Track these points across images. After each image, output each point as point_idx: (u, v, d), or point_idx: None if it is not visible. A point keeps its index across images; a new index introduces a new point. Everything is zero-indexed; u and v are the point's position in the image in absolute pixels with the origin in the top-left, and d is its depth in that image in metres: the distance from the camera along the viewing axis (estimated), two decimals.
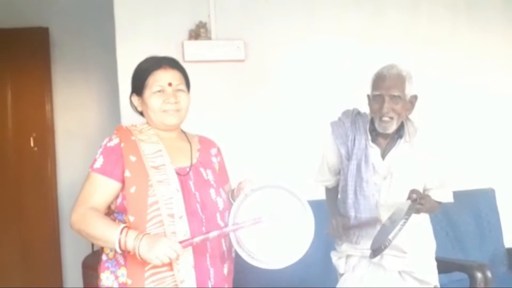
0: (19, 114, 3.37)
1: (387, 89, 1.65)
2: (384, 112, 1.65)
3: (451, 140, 2.24)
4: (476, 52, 2.98)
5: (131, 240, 1.29)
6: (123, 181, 1.39)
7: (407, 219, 1.50)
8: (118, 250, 1.32)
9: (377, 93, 1.68)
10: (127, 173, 1.39)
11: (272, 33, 2.75)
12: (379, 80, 1.69)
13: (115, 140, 1.45)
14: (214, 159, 1.59)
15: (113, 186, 1.40)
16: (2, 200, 3.34)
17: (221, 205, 1.48)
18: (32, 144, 3.35)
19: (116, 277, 1.41)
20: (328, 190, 1.96)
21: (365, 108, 1.80)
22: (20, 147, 3.36)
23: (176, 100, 1.47)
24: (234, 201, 1.47)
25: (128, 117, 1.66)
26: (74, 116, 3.47)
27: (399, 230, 1.48)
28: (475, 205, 2.85)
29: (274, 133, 2.73)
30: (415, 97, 1.72)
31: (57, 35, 3.43)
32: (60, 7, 3.39)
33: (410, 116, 1.76)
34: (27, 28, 3.32)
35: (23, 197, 3.37)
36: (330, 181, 1.92)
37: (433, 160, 1.73)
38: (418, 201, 1.58)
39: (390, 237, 1.47)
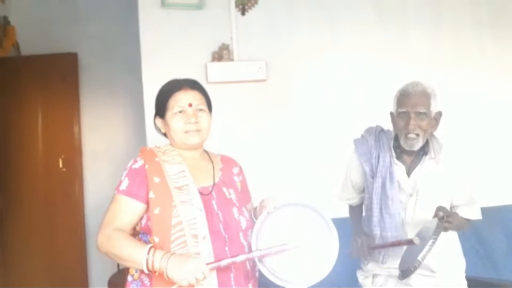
0: (49, 136, 3.48)
1: (413, 106, 1.64)
2: (410, 129, 1.64)
3: (479, 155, 2.21)
4: (502, 68, 2.92)
5: (158, 260, 1.30)
6: (147, 202, 1.41)
7: (435, 238, 1.46)
8: (146, 271, 1.32)
9: (403, 110, 1.67)
10: (151, 194, 1.41)
11: (293, 53, 2.78)
12: (404, 97, 1.68)
13: (140, 162, 1.48)
14: (236, 178, 1.60)
15: (138, 207, 1.42)
16: (32, 219, 3.43)
17: (244, 224, 1.48)
18: (60, 165, 3.45)
19: None
20: (351, 208, 1.94)
21: (387, 125, 1.79)
22: (50, 168, 3.46)
23: (197, 120, 1.50)
24: (256, 218, 1.48)
25: (153, 138, 1.70)
26: (101, 138, 3.56)
27: (428, 250, 1.44)
28: (506, 222, 2.75)
29: (297, 151, 2.73)
30: (439, 114, 1.70)
31: (85, 59, 3.55)
32: (89, 33, 3.52)
33: (435, 133, 1.74)
34: (57, 54, 3.45)
35: (52, 216, 3.45)
36: (354, 199, 1.90)
37: (459, 176, 1.70)
38: (445, 219, 1.54)
39: (419, 258, 1.43)
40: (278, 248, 1.36)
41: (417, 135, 1.65)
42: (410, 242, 1.54)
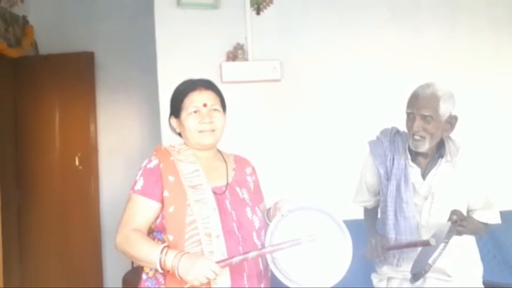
0: (65, 134, 3.51)
1: (419, 108, 1.63)
2: (414, 130, 1.63)
3: (497, 158, 2.16)
4: None
5: (170, 259, 1.31)
6: (162, 201, 1.43)
7: (447, 242, 1.44)
8: (160, 270, 1.34)
9: (409, 111, 1.66)
10: (166, 193, 1.42)
11: (308, 52, 2.77)
12: (412, 99, 1.67)
13: (155, 161, 1.49)
14: (249, 178, 1.60)
15: (153, 206, 1.43)
16: (48, 216, 3.47)
17: (257, 223, 1.48)
18: (77, 163, 3.48)
19: None
20: (366, 210, 1.92)
21: (403, 127, 1.77)
22: (66, 166, 3.49)
23: (211, 120, 1.50)
24: (269, 220, 1.48)
25: (168, 137, 1.70)
26: (116, 136, 3.59)
27: (439, 254, 1.43)
28: None
29: (311, 152, 2.72)
30: (454, 118, 1.66)
31: (101, 58, 3.59)
32: (105, 32, 3.56)
33: (452, 136, 1.71)
34: (74, 53, 3.49)
35: (68, 213, 3.49)
36: (369, 202, 1.89)
37: (476, 180, 1.67)
38: (459, 222, 1.52)
39: (430, 261, 1.41)
40: (291, 242, 1.35)
41: (423, 137, 1.63)
42: (426, 243, 1.52)
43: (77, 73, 3.49)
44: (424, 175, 1.70)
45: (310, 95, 2.76)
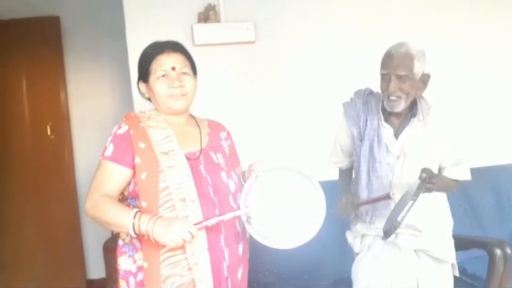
0: (35, 104, 3.40)
1: (394, 68, 1.62)
2: (390, 91, 1.63)
3: (469, 116, 2.19)
4: (492, 26, 2.86)
5: (144, 224, 1.31)
6: (134, 168, 1.41)
7: (415, 199, 1.48)
8: (133, 234, 1.34)
9: (384, 72, 1.65)
10: (137, 160, 1.40)
11: (283, 13, 2.70)
12: (387, 59, 1.65)
13: (124, 128, 1.46)
14: (224, 143, 1.59)
15: (124, 173, 1.41)
16: (22, 188, 3.41)
17: (232, 187, 1.49)
18: (49, 133, 3.40)
19: (134, 261, 1.44)
20: (341, 171, 1.95)
21: (378, 88, 1.76)
22: (38, 135, 3.41)
23: (181, 84, 1.47)
24: (245, 182, 1.48)
25: (140, 103, 1.66)
26: (88, 104, 3.50)
27: (407, 211, 1.47)
28: (495, 182, 2.79)
29: (286, 114, 2.71)
30: (427, 76, 1.67)
31: (68, 23, 3.43)
32: None
33: (424, 94, 1.72)
34: (38, 18, 3.32)
35: (43, 184, 3.43)
36: (344, 163, 1.91)
37: (447, 138, 1.70)
38: (428, 180, 1.55)
39: (399, 218, 1.46)
40: (265, 207, 1.37)
41: (399, 97, 1.63)
42: (387, 197, 1.56)
43: (42, 39, 3.34)
44: (396, 135, 1.72)
45: (285, 58, 2.72)
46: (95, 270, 3.44)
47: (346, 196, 1.73)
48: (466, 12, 2.84)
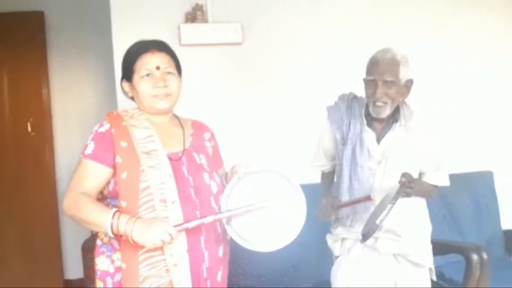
0: (16, 99, 3.34)
1: (381, 74, 1.64)
2: (377, 97, 1.64)
3: (449, 123, 2.23)
4: (474, 33, 2.92)
5: (123, 224, 1.30)
6: (114, 167, 1.39)
7: (394, 203, 1.50)
8: (111, 235, 1.32)
9: (370, 78, 1.67)
10: (118, 159, 1.39)
11: (271, 15, 2.71)
12: (372, 65, 1.67)
13: (106, 126, 1.44)
14: (207, 144, 1.58)
15: (104, 171, 1.40)
16: (2, 184, 3.35)
17: (214, 189, 1.48)
18: (29, 129, 3.34)
19: (112, 261, 1.43)
20: (323, 174, 1.96)
21: (363, 93, 1.78)
22: (18, 132, 3.34)
23: (166, 84, 1.46)
24: (227, 184, 1.47)
25: (125, 101, 1.64)
26: (71, 101, 3.45)
27: (386, 215, 1.48)
28: (474, 188, 2.84)
29: (271, 116, 2.71)
30: (410, 81, 1.70)
31: (52, 19, 3.38)
32: None
33: (406, 100, 1.74)
34: (22, 12, 3.27)
35: (22, 181, 3.37)
36: (326, 166, 1.92)
37: (428, 143, 1.72)
38: (407, 184, 1.57)
39: (377, 222, 1.47)
40: (246, 208, 1.37)
41: (385, 103, 1.65)
42: (368, 198, 1.58)
43: (26, 33, 3.28)
44: (378, 140, 1.74)
45: (271, 60, 2.72)
46: (73, 270, 3.39)
47: (326, 198, 1.75)
48: (449, 19, 2.89)
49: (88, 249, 2.77)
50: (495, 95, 2.96)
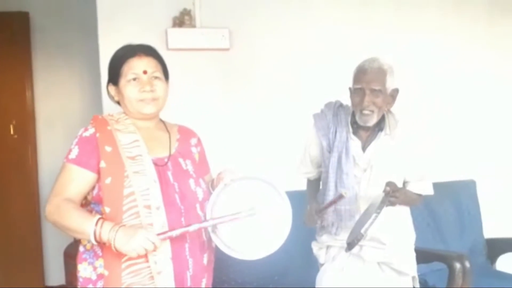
0: None
1: (368, 82, 1.65)
2: (364, 105, 1.66)
3: (432, 132, 2.25)
4: (458, 43, 2.97)
5: (106, 232, 1.28)
6: (98, 172, 1.37)
7: (378, 212, 1.51)
8: (94, 242, 1.30)
9: (358, 86, 1.68)
10: (102, 164, 1.37)
11: (258, 21, 2.71)
12: (360, 74, 1.68)
13: (91, 130, 1.42)
14: (194, 149, 1.57)
15: (88, 177, 1.38)
16: None
17: (200, 195, 1.47)
18: (12, 132, 3.29)
19: (94, 268, 1.40)
20: (309, 181, 1.96)
21: (349, 101, 1.79)
22: (0, 135, 3.29)
23: (152, 88, 1.44)
24: (213, 191, 1.46)
25: (110, 106, 1.63)
26: (55, 104, 3.41)
27: (371, 224, 1.49)
28: (456, 197, 2.88)
29: (258, 123, 2.71)
30: (396, 91, 1.72)
31: (37, 20, 3.35)
32: None
33: (392, 109, 1.76)
34: (6, 13, 3.23)
35: (4, 185, 3.31)
36: (312, 173, 1.92)
37: (412, 152, 1.74)
38: (392, 193, 1.58)
39: (362, 231, 1.48)
40: (231, 216, 1.36)
41: (372, 111, 1.67)
42: (340, 196, 1.57)
43: (10, 34, 3.24)
44: (364, 148, 1.75)
45: (259, 66, 2.73)
46: (54, 276, 3.33)
47: (311, 205, 1.75)
48: (432, 28, 2.93)
49: (70, 255, 2.72)
50: (478, 105, 3.02)
